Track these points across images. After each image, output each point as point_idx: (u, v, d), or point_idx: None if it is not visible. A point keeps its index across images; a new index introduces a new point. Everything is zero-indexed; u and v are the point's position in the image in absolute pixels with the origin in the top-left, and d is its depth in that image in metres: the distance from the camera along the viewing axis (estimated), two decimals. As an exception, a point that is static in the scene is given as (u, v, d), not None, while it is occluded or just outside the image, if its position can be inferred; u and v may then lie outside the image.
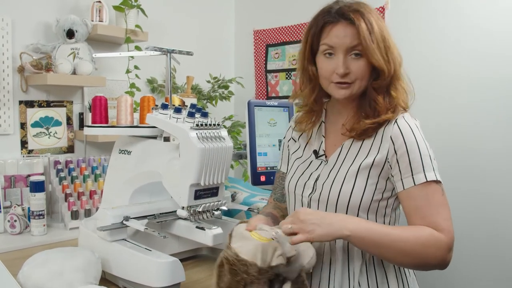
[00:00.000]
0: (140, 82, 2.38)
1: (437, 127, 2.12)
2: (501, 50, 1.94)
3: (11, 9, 2.00)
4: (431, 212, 1.01)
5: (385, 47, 1.07)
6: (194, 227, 1.34)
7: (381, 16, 2.27)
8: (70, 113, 2.21)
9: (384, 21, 1.12)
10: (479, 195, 2.03)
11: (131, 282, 1.27)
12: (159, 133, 1.42)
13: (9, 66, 1.99)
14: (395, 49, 1.10)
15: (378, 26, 1.07)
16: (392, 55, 1.09)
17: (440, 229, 0.99)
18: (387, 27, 1.10)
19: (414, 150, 1.03)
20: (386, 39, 1.08)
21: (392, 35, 1.11)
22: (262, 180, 1.46)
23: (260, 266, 0.93)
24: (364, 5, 1.10)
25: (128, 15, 2.21)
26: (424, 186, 1.02)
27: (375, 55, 1.05)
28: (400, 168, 1.04)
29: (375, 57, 1.05)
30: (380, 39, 1.06)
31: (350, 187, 1.07)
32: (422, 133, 1.09)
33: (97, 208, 1.93)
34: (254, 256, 0.94)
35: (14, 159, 1.97)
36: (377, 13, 1.11)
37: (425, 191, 1.02)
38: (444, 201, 1.03)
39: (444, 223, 1.00)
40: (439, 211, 1.01)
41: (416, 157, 1.03)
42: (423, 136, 1.08)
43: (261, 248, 0.95)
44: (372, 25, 1.05)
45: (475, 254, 2.05)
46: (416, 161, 1.03)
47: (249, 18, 2.94)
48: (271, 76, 2.80)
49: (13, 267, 1.27)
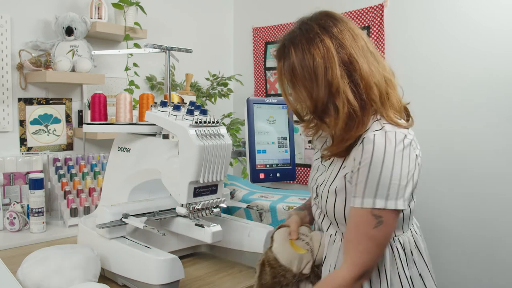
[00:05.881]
0: (139, 79, 2.38)
1: (437, 126, 2.12)
2: (502, 49, 1.94)
3: (10, 6, 2.00)
4: (353, 240, 1.01)
5: (293, 86, 1.06)
6: (193, 224, 1.34)
7: (378, 14, 2.27)
8: (69, 110, 2.21)
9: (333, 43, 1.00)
10: (478, 195, 2.03)
11: (130, 279, 1.28)
12: (158, 131, 1.42)
13: (8, 64, 1.99)
14: (318, 83, 1.01)
15: (292, 64, 1.03)
16: (310, 90, 1.02)
17: (351, 262, 1.00)
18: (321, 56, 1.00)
19: (361, 173, 0.98)
20: (297, 77, 1.03)
21: (326, 64, 0.99)
22: (261, 178, 1.46)
23: (295, 272, 1.12)
24: (291, 40, 1.05)
25: (127, 13, 2.21)
26: (357, 210, 0.99)
27: (284, 95, 1.09)
28: (352, 185, 1.02)
29: (285, 97, 1.09)
30: (288, 79, 1.06)
31: (332, 202, 1.08)
32: (397, 155, 0.96)
33: (96, 205, 1.93)
34: (291, 263, 1.12)
35: (13, 157, 1.97)
36: (310, 41, 1.02)
37: (358, 217, 0.99)
38: (373, 234, 0.98)
39: (360, 257, 0.99)
40: (361, 244, 0.99)
41: (360, 181, 0.99)
42: (395, 158, 0.96)
43: (298, 258, 1.13)
44: (284, 66, 1.05)
45: (474, 254, 2.06)
46: (360, 184, 0.99)
47: (248, 16, 2.94)
48: (270, 73, 2.80)
49: (12, 265, 1.27)
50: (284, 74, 1.06)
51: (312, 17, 1.06)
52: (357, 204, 0.99)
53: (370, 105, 1.00)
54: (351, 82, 0.99)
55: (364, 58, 1.00)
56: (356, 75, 0.99)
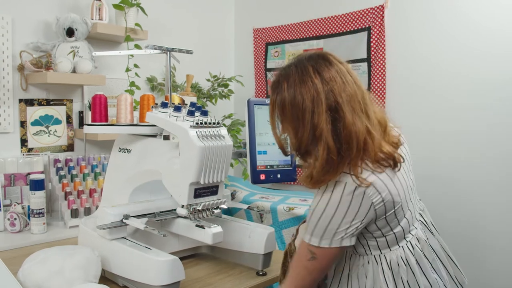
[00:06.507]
0: (140, 80, 2.38)
1: (437, 126, 2.12)
2: (502, 49, 1.94)
3: (11, 7, 2.00)
4: (292, 266, 1.15)
5: (281, 121, 1.11)
6: (194, 225, 1.34)
7: (379, 15, 2.28)
8: (70, 111, 2.21)
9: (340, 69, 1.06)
10: (478, 195, 2.03)
11: (131, 280, 1.27)
12: (158, 132, 1.42)
13: (9, 65, 1.99)
14: (304, 124, 1.05)
15: (284, 100, 1.07)
16: (296, 129, 1.07)
17: (286, 282, 1.14)
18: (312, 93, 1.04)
19: (312, 214, 1.09)
20: (286, 114, 1.07)
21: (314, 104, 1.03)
22: (262, 179, 1.46)
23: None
24: (285, 76, 1.09)
25: (128, 14, 2.21)
26: (302, 242, 1.12)
27: (272, 127, 1.14)
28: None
29: (273, 129, 1.15)
30: (278, 113, 1.10)
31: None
32: (341, 205, 1.04)
33: (97, 206, 1.93)
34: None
35: (14, 158, 1.98)
36: (302, 77, 1.06)
37: (301, 248, 1.13)
38: (307, 264, 1.10)
39: (293, 281, 1.13)
40: (297, 270, 1.13)
41: (308, 219, 1.11)
42: (339, 208, 1.04)
43: None
44: (276, 99, 1.09)
45: (471, 255, 2.05)
46: (308, 221, 1.11)
47: (249, 17, 2.95)
48: (271, 74, 2.80)
49: (13, 265, 1.27)
50: (276, 107, 1.11)
51: (309, 57, 1.10)
52: (303, 237, 1.12)
53: (348, 154, 1.04)
54: (333, 129, 1.03)
55: (350, 107, 1.04)
56: (339, 123, 1.03)
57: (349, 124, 1.02)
